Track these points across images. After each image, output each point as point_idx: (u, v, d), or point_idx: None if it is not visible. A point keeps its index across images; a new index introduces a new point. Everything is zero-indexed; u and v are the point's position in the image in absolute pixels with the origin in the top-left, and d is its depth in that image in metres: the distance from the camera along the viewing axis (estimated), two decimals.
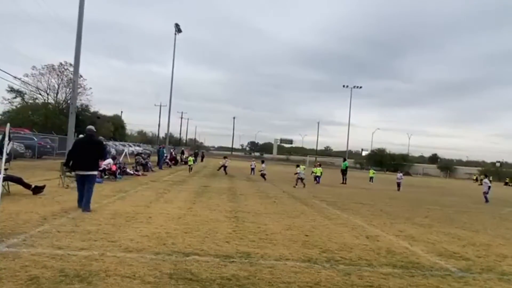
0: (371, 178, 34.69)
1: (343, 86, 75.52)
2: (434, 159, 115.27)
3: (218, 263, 5.67)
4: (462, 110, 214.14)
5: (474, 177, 62.34)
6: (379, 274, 5.80)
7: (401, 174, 28.87)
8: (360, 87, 75.83)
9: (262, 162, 28.88)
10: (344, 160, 34.52)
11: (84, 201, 9.06)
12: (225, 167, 29.91)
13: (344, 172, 30.66)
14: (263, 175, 26.19)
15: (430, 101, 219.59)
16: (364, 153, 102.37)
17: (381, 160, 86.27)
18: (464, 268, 6.61)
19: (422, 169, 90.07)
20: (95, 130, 10.21)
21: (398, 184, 26.95)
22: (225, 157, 32.27)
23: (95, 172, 9.74)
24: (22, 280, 4.37)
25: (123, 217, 8.70)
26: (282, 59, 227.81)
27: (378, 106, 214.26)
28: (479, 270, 6.53)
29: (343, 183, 28.97)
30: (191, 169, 29.24)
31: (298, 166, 23.63)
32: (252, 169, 32.25)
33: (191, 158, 31.38)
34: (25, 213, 8.25)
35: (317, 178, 27.39)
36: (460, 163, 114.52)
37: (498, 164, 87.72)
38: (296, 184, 21.96)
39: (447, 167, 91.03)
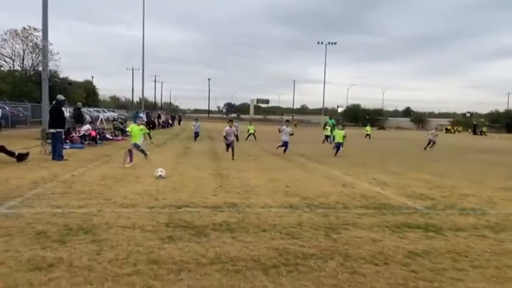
0: (368, 135, 33.41)
1: (318, 42, 75.04)
2: (407, 112, 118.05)
3: (208, 213, 6.18)
4: (434, 63, 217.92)
5: (445, 128, 65.24)
6: (354, 214, 6.47)
7: (434, 131, 24.17)
8: (335, 43, 75.45)
9: (230, 121, 27.70)
10: (331, 117, 31.33)
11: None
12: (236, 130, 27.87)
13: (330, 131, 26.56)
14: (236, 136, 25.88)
15: (403, 55, 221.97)
16: (340, 110, 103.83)
17: (356, 116, 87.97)
18: (429, 206, 7.38)
19: (396, 122, 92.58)
20: (63, 98, 13.21)
21: (430, 142, 22.62)
22: (230, 121, 25.57)
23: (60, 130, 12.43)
24: (31, 235, 4.75)
25: (112, 178, 9.04)
26: (255, 18, 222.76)
27: (353, 62, 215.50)
28: (442, 207, 7.31)
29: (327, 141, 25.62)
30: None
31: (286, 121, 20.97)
32: (236, 130, 30.93)
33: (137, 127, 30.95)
34: (15, 178, 8.48)
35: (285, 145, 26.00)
36: (433, 115, 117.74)
37: (468, 115, 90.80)
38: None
39: (419, 119, 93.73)
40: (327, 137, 25.84)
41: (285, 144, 16.97)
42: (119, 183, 8.44)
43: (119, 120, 28.56)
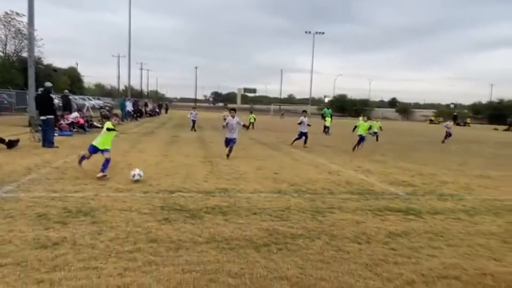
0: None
1: (306, 32, 75.20)
2: (393, 103, 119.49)
3: (201, 197, 6.45)
4: (421, 54, 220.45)
5: (429, 119, 66.66)
6: (339, 199, 6.83)
7: (448, 122, 24.45)
8: (323, 33, 75.70)
9: (232, 110, 28.15)
10: (328, 107, 31.54)
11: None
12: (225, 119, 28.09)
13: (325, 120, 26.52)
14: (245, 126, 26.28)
15: (391, 46, 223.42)
16: (326, 100, 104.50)
17: (343, 106, 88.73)
18: (410, 192, 7.79)
19: (381, 113, 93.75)
20: (51, 85, 13.19)
21: (447, 134, 22.61)
22: (232, 110, 23.35)
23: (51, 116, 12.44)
24: (32, 217, 4.96)
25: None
26: (243, 6, 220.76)
27: (341, 52, 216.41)
28: (422, 193, 7.73)
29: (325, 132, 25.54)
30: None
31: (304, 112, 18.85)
32: (225, 119, 30.15)
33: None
34: (8, 164, 8.59)
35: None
36: (418, 106, 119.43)
37: (452, 106, 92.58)
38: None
39: (404, 110, 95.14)
40: (326, 127, 25.66)
41: (304, 135, 16.05)
42: (112, 170, 8.60)
43: (106, 108, 28.48)
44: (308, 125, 16.36)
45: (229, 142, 11.59)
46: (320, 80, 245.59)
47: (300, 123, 16.36)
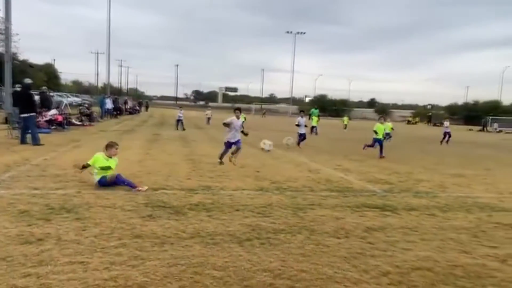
0: (345, 125, 33.70)
1: (287, 32, 75.68)
2: (372, 103, 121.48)
3: (184, 194, 6.54)
4: (400, 55, 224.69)
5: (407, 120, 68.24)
6: (319, 196, 7.03)
7: (446, 123, 23.90)
8: (304, 33, 76.39)
9: (237, 110, 27.98)
10: (316, 107, 31.57)
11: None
12: (209, 118, 29.59)
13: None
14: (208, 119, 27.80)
15: (370, 47, 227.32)
16: (307, 100, 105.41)
17: (323, 106, 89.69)
18: (387, 189, 8.07)
19: (361, 113, 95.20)
20: (31, 81, 13.03)
21: (446, 135, 22.35)
22: (237, 110, 20.86)
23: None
24: (15, 213, 4.96)
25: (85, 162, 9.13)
26: (224, 3, 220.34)
27: (321, 52, 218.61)
28: (398, 191, 8.01)
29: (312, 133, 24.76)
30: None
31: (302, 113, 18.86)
32: (209, 118, 30.12)
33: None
34: None
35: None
36: (396, 106, 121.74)
37: (429, 107, 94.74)
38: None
39: (383, 110, 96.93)
40: (313, 127, 25.69)
41: (302, 136, 15.94)
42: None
43: (85, 105, 28.03)
44: (305, 126, 16.34)
45: (230, 146, 10.10)
46: (301, 79, 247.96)
47: (298, 125, 16.22)
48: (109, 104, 32.28)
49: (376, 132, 14.00)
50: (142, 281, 3.33)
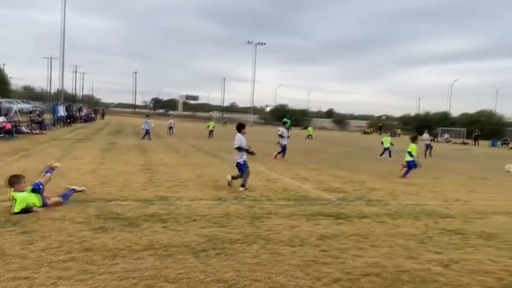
0: (310, 135, 34.11)
1: (247, 42, 76.46)
2: (330, 113, 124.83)
3: (139, 206, 6.40)
4: (356, 68, 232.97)
5: (363, 130, 70.67)
6: (277, 205, 7.13)
7: (427, 135, 22.89)
8: (264, 43, 77.41)
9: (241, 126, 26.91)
10: (288, 117, 31.38)
11: None
12: (171, 128, 28.23)
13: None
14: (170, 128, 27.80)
15: (329, 58, 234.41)
16: (268, 109, 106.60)
17: (283, 116, 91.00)
18: (341, 198, 8.31)
19: (320, 123, 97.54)
20: None
21: (427, 147, 21.73)
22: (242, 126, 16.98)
23: None
24: None
25: (34, 173, 8.67)
26: (184, 11, 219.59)
27: (281, 63, 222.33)
28: (352, 199, 8.28)
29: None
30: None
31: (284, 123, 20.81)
32: (170, 128, 28.29)
33: None
34: None
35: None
36: (352, 117, 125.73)
37: (383, 118, 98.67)
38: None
39: (340, 121, 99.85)
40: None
41: (284, 148, 15.82)
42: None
43: (37, 112, 26.77)
44: (288, 136, 16.34)
45: (247, 165, 8.86)
46: (262, 89, 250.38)
47: (281, 135, 16.15)
48: (62, 112, 31.04)
49: (410, 154, 12.45)
50: None
